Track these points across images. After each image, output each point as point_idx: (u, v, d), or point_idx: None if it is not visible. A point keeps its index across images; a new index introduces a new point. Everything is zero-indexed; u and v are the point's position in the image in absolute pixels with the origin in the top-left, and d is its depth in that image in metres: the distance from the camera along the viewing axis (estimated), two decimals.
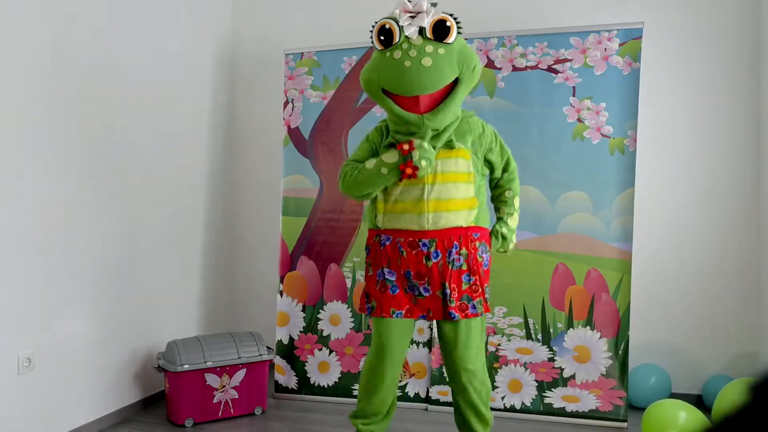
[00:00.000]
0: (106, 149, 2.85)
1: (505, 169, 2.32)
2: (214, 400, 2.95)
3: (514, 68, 3.07)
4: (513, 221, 2.36)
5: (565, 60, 3.00)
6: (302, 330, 3.34)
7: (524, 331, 3.02)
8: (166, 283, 3.29)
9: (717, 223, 3.20)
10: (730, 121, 3.19)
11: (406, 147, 2.03)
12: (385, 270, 2.21)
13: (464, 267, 2.17)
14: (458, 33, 2.04)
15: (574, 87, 2.99)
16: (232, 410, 3.00)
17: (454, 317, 2.16)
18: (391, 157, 2.08)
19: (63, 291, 2.61)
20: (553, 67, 3.02)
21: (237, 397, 3.00)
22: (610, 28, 2.95)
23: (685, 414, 2.40)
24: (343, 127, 3.32)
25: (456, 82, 2.04)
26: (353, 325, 3.27)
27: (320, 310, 3.32)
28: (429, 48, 1.97)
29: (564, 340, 2.98)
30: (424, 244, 2.14)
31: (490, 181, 2.38)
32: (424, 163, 2.01)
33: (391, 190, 2.19)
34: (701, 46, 3.21)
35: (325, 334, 3.31)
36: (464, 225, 2.17)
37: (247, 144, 3.94)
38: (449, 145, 2.13)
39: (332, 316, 3.30)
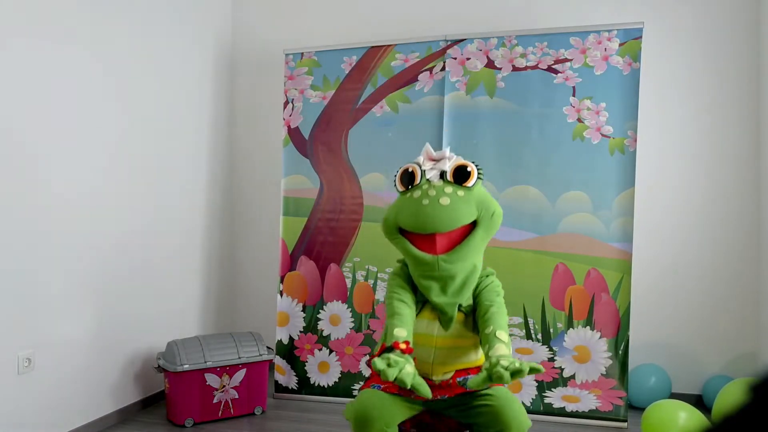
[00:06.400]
0: (105, 150, 2.85)
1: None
2: (214, 400, 2.95)
3: (514, 68, 3.07)
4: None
5: (565, 60, 3.00)
6: (302, 330, 3.34)
7: (524, 331, 3.02)
8: (167, 283, 3.29)
9: (717, 223, 3.20)
10: (730, 121, 3.19)
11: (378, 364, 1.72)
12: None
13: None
14: (479, 178, 2.04)
15: (574, 87, 2.99)
16: (232, 410, 3.00)
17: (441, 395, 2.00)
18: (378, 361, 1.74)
19: (63, 291, 2.61)
20: (553, 67, 3.02)
21: (237, 397, 3.00)
22: (610, 28, 2.95)
23: (685, 414, 2.40)
24: (343, 127, 3.33)
25: (474, 226, 2.00)
26: (353, 325, 3.27)
27: (320, 310, 3.32)
28: (448, 189, 1.99)
29: (564, 340, 2.98)
30: (432, 386, 1.98)
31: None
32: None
33: None
34: (701, 45, 3.21)
35: (325, 334, 3.31)
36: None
37: (247, 144, 3.94)
38: (468, 309, 2.00)
39: (332, 316, 3.30)
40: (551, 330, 3.00)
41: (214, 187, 3.74)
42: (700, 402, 3.17)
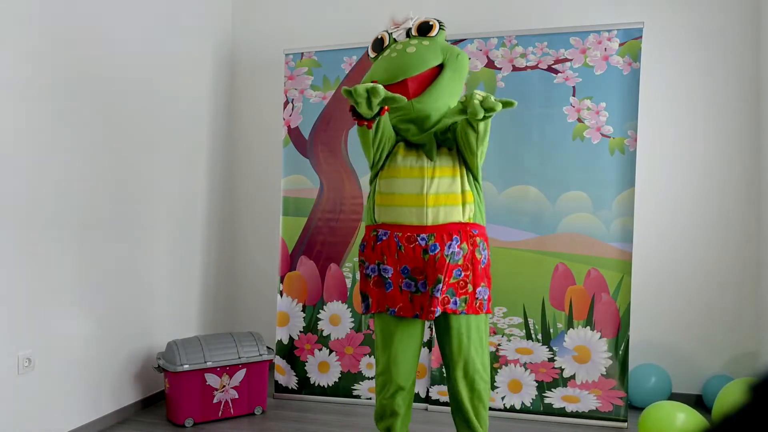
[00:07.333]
0: (106, 150, 2.85)
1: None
2: (214, 400, 2.95)
3: (514, 68, 3.07)
4: None
5: (565, 60, 3.00)
6: (302, 330, 3.34)
7: (524, 331, 3.02)
8: (166, 283, 3.29)
9: (716, 223, 3.20)
10: (730, 121, 3.19)
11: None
12: (381, 266, 2.21)
13: (460, 261, 2.15)
14: (441, 29, 2.22)
15: (574, 87, 2.99)
16: (232, 410, 3.00)
17: (436, 312, 2.13)
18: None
19: (63, 291, 2.61)
20: (553, 67, 3.02)
21: (237, 397, 3.00)
22: (610, 28, 2.95)
23: (683, 416, 2.39)
24: (343, 127, 3.33)
25: (442, 69, 2.16)
26: (353, 325, 3.27)
27: (320, 310, 3.32)
28: (414, 41, 2.17)
29: (564, 340, 2.98)
30: (423, 239, 2.14)
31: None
32: (359, 101, 1.89)
33: (388, 183, 2.21)
34: (701, 45, 3.21)
35: (325, 334, 3.31)
36: (463, 221, 2.18)
37: (247, 144, 3.94)
38: (449, 144, 2.20)
39: (332, 316, 3.30)
40: (551, 330, 3.00)
41: (213, 186, 3.74)
42: (700, 402, 3.17)
